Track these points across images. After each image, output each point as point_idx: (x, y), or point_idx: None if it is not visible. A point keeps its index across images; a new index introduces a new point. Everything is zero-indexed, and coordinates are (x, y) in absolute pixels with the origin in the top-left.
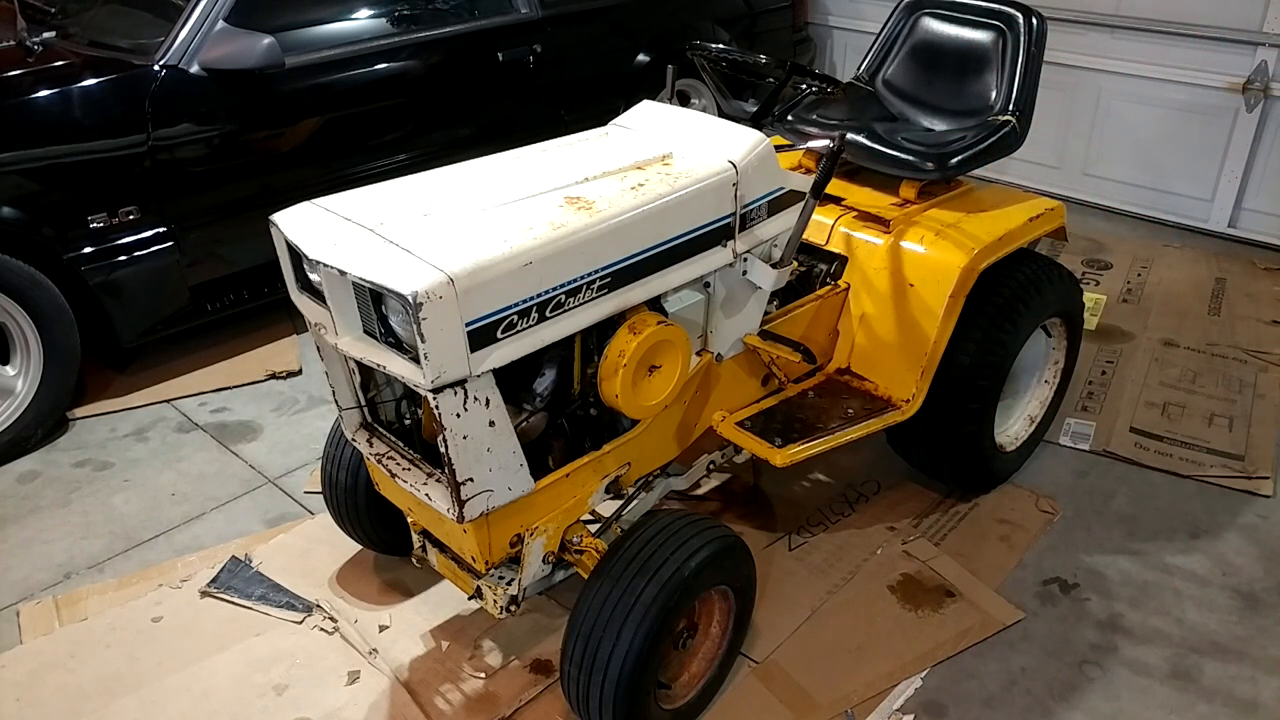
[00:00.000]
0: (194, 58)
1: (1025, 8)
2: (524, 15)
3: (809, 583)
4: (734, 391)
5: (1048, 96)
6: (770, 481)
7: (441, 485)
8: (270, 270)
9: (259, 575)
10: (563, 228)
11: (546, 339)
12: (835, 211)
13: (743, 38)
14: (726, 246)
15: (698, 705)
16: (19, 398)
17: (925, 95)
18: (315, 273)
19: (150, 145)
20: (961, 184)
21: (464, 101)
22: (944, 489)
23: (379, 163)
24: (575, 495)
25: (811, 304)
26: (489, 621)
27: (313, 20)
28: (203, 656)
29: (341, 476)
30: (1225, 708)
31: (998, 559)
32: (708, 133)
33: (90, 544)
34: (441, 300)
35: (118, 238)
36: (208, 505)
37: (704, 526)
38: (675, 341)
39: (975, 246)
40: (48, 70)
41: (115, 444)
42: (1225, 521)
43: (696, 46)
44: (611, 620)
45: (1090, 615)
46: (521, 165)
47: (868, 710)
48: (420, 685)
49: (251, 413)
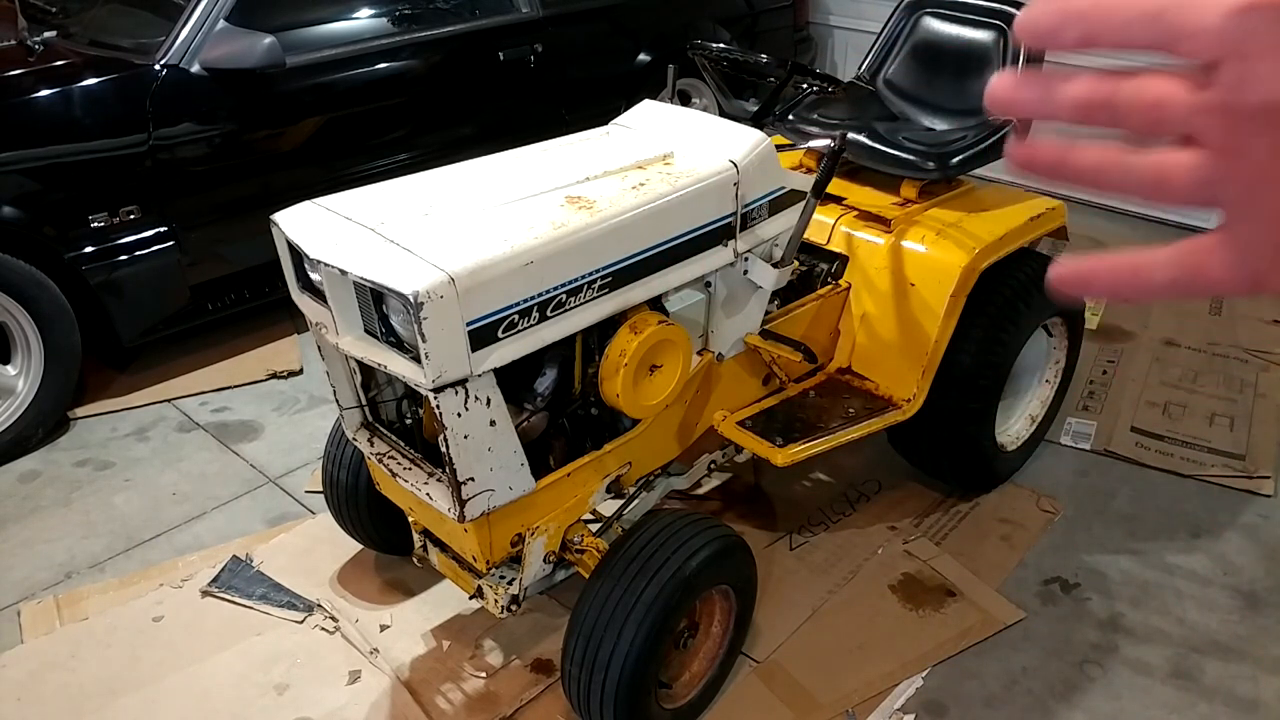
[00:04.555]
0: (195, 57)
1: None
2: (525, 15)
3: (810, 582)
4: (735, 391)
5: None
6: (771, 481)
7: (442, 485)
8: (271, 270)
9: (260, 575)
10: (564, 227)
11: (547, 338)
12: (836, 211)
13: (743, 37)
14: (727, 246)
15: (699, 705)
16: (20, 397)
17: (926, 95)
18: (316, 272)
19: (151, 145)
20: (962, 183)
21: (465, 101)
22: (945, 488)
23: (380, 162)
24: (576, 495)
25: (812, 303)
26: (490, 621)
27: (314, 20)
28: (203, 656)
29: (342, 476)
30: (1226, 707)
31: (999, 558)
32: (709, 132)
33: (91, 543)
34: (442, 300)
35: (119, 237)
36: (209, 505)
37: (705, 526)
38: (676, 341)
39: (976, 246)
40: (49, 70)
41: (116, 443)
42: (1226, 521)
43: (697, 46)
44: (613, 620)
45: (1091, 615)
46: (522, 165)
47: (869, 709)
48: (421, 685)
49: (252, 412)
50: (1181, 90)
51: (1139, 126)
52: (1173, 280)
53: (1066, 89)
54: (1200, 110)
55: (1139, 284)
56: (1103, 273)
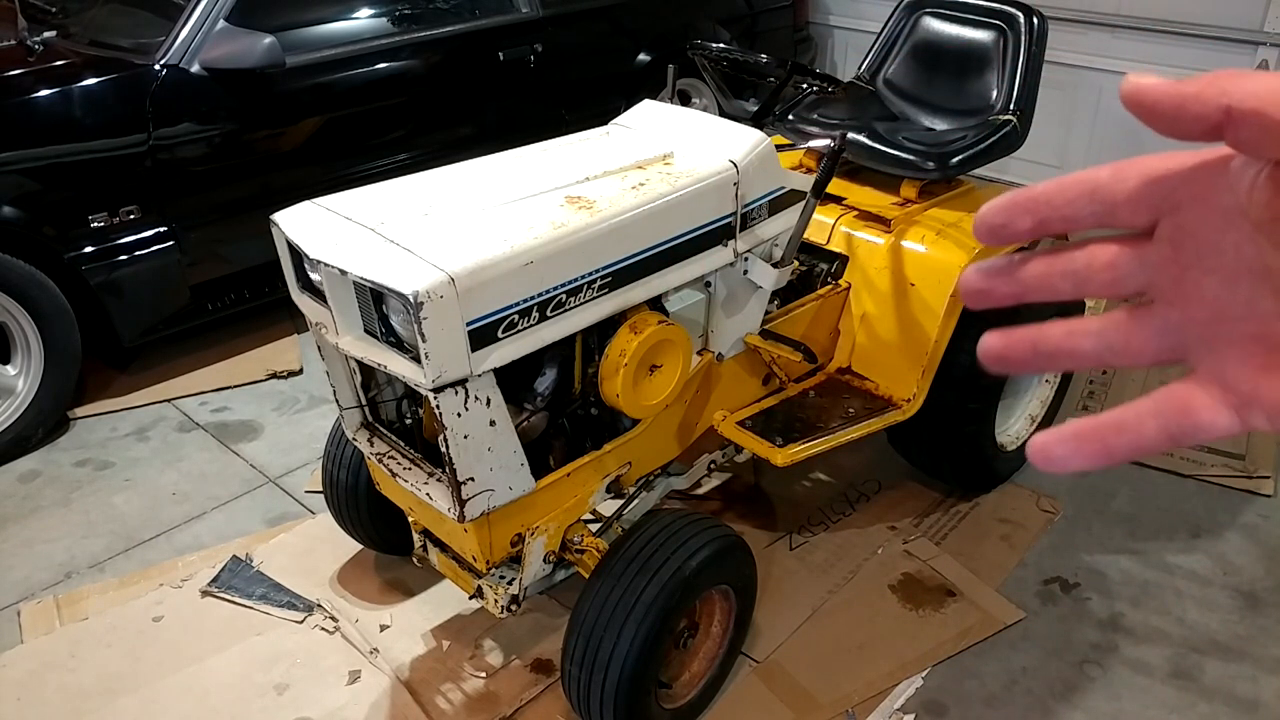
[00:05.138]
0: (195, 57)
1: (1026, 7)
2: (525, 14)
3: (810, 582)
4: (735, 391)
5: (1049, 96)
6: (771, 481)
7: (442, 484)
8: (271, 270)
9: (260, 575)
10: (564, 227)
11: (547, 338)
12: (836, 211)
13: (743, 37)
14: (727, 246)
15: (699, 705)
16: (20, 397)
17: (926, 95)
18: (316, 272)
19: (151, 145)
20: (962, 183)
21: (465, 101)
22: (945, 488)
23: (380, 162)
24: (576, 495)
25: (812, 303)
26: (490, 621)
27: (313, 20)
28: (203, 656)
29: (342, 476)
30: (1226, 707)
31: (999, 558)
32: (709, 132)
33: (91, 543)
34: (442, 300)
35: (118, 237)
36: (208, 505)
37: (705, 526)
38: (676, 341)
39: (976, 246)
40: (49, 70)
41: (116, 443)
42: (1226, 521)
43: (697, 46)
44: (612, 620)
45: (1091, 615)
46: (522, 165)
47: (869, 709)
48: (421, 685)
49: (252, 412)
50: (1129, 250)
51: (1100, 289)
52: (1163, 429)
53: (1028, 268)
54: (1149, 265)
55: (1129, 441)
56: (1091, 440)
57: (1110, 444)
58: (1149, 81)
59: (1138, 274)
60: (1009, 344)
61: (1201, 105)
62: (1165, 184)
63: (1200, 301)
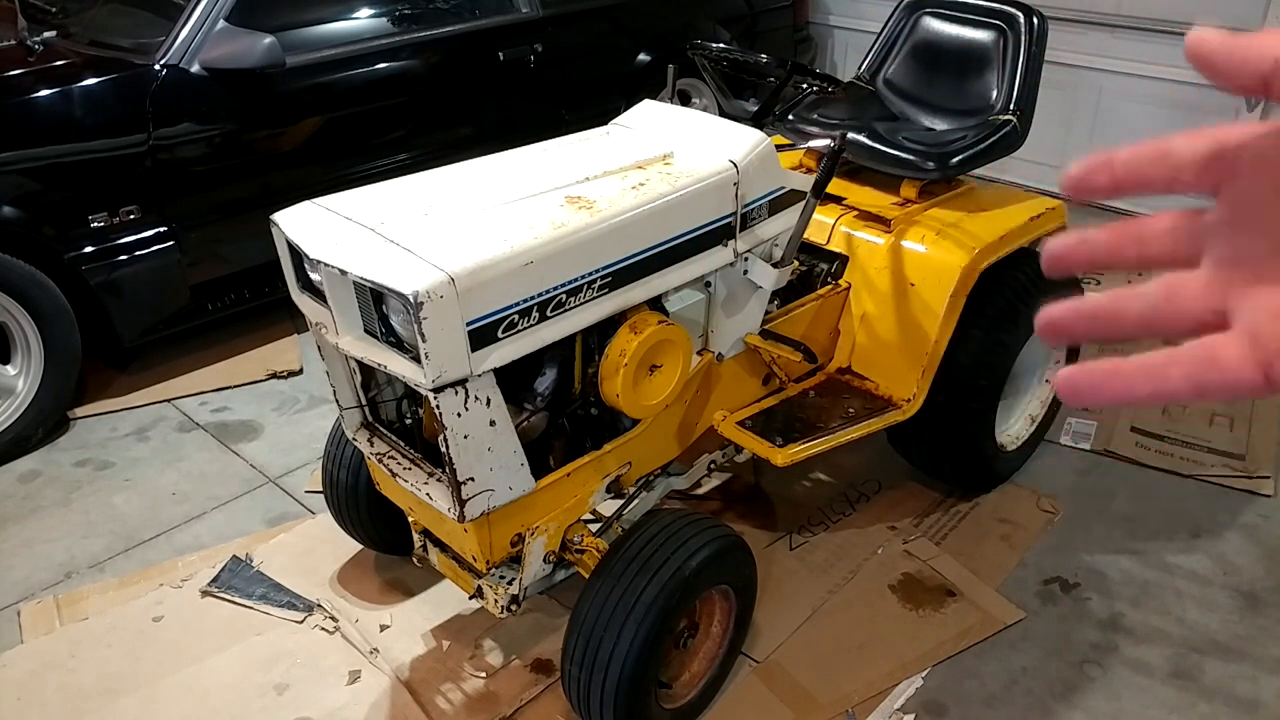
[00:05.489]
0: (195, 57)
1: (1026, 7)
2: (525, 14)
3: (810, 582)
4: (735, 391)
5: (1048, 96)
6: (771, 481)
7: (442, 485)
8: (271, 270)
9: (260, 575)
10: (564, 227)
11: (547, 338)
12: (836, 211)
13: (743, 37)
14: (727, 246)
15: (698, 705)
16: (20, 397)
17: (926, 95)
18: (316, 272)
19: (151, 145)
20: (962, 183)
21: (465, 101)
22: (945, 488)
23: (380, 162)
24: (576, 495)
25: (812, 303)
26: (490, 621)
27: (313, 20)
28: (203, 656)
29: (342, 476)
30: (1226, 707)
31: (999, 558)
32: (709, 132)
33: (91, 543)
34: (442, 300)
35: (118, 237)
36: (208, 505)
37: (705, 526)
38: (676, 341)
39: (976, 246)
40: (48, 70)
41: (116, 443)
42: (1226, 521)
43: (697, 46)
44: (612, 620)
45: (1091, 615)
46: (522, 165)
47: (869, 709)
48: (421, 685)
49: (252, 412)
50: (1187, 218)
51: (1160, 254)
52: (1187, 375)
53: (1098, 235)
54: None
55: (1153, 385)
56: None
57: (1135, 385)
58: (1209, 33)
59: (1196, 239)
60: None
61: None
62: (1230, 151)
63: (1248, 262)
